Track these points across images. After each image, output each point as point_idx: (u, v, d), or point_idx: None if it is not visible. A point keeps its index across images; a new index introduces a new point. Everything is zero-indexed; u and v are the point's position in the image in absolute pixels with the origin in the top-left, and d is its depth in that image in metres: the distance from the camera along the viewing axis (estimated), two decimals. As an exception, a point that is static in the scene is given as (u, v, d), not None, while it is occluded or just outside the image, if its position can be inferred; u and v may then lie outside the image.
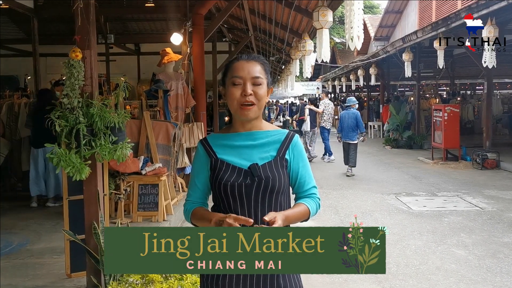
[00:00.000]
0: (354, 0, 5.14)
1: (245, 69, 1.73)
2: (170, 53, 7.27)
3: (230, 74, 1.76)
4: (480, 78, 21.11)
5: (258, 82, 1.74)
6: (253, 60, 1.77)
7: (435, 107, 12.91)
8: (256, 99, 1.73)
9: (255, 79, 1.73)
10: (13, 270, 4.20)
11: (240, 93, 1.72)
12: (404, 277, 4.38)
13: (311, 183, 1.84)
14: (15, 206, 6.59)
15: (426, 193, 8.17)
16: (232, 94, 1.73)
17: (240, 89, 1.72)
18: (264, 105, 1.79)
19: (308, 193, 1.83)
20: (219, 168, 1.75)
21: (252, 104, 1.72)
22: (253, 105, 1.73)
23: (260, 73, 1.75)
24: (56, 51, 11.71)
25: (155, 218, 5.59)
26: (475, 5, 8.32)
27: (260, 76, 1.74)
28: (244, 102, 1.72)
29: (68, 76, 3.34)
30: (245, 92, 1.71)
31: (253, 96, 1.72)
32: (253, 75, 1.73)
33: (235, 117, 1.79)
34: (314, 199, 1.82)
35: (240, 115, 1.74)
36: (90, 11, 3.44)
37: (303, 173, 1.82)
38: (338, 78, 26.12)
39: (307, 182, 1.83)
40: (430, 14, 17.97)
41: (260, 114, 1.79)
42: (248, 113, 1.73)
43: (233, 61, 1.79)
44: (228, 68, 1.78)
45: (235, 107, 1.73)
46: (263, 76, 1.76)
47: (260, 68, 1.76)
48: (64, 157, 3.25)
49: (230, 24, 12.98)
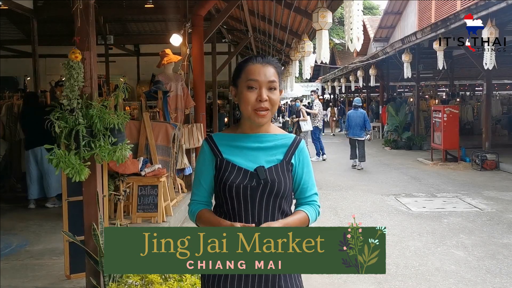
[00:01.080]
0: (354, 1, 5.15)
1: (261, 73, 1.71)
2: (170, 54, 7.27)
3: (245, 76, 1.72)
4: (479, 79, 21.16)
5: (273, 87, 1.72)
6: (268, 63, 1.74)
7: (434, 108, 12.92)
8: (271, 104, 1.72)
9: (270, 83, 1.71)
10: (13, 272, 4.20)
11: (256, 98, 1.69)
12: (404, 278, 4.38)
13: (313, 190, 1.84)
14: (15, 207, 6.58)
15: (426, 194, 8.17)
16: (247, 98, 1.70)
17: (255, 93, 1.70)
18: (276, 109, 1.78)
19: (309, 200, 1.82)
20: (224, 168, 1.74)
21: (267, 110, 1.71)
22: (267, 111, 1.71)
23: (275, 77, 1.73)
24: (56, 52, 11.70)
25: (155, 219, 5.58)
26: (474, 6, 8.33)
27: (275, 80, 1.73)
28: (259, 108, 1.70)
29: (67, 77, 3.34)
30: (261, 98, 1.69)
31: (268, 102, 1.70)
32: (269, 79, 1.71)
33: (245, 119, 1.77)
34: (314, 207, 1.82)
35: (254, 120, 1.72)
36: (89, 12, 3.44)
37: (307, 179, 1.82)
38: (338, 79, 26.15)
39: (310, 188, 1.82)
40: (429, 15, 17.98)
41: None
42: (262, 119, 1.72)
43: (247, 62, 1.75)
44: (242, 69, 1.75)
45: (249, 111, 1.71)
46: (277, 80, 1.74)
47: (275, 72, 1.74)
48: (63, 158, 3.24)
49: (229, 25, 12.99)
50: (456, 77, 21.05)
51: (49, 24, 12.15)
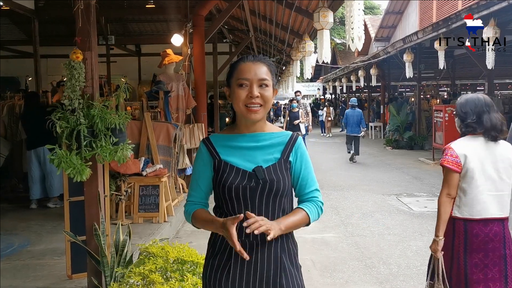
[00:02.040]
0: (355, 1, 5.14)
1: (252, 71, 1.72)
2: (171, 54, 7.28)
3: (236, 75, 1.74)
4: (481, 79, 21.13)
5: (265, 84, 1.72)
6: (259, 61, 1.75)
7: (436, 107, 12.91)
8: (263, 100, 1.72)
9: (261, 81, 1.72)
10: (14, 272, 4.20)
11: (246, 95, 1.70)
12: (405, 278, 4.38)
13: (313, 186, 1.82)
14: (16, 207, 6.58)
15: (427, 193, 8.16)
16: (238, 95, 1.71)
17: (246, 90, 1.70)
18: (270, 107, 1.78)
19: (309, 196, 1.81)
20: (222, 170, 1.74)
21: (259, 106, 1.71)
22: (260, 107, 1.72)
23: (267, 75, 1.73)
24: (57, 52, 11.71)
25: (156, 219, 5.59)
26: (475, 5, 8.32)
27: (267, 78, 1.73)
28: (251, 104, 1.70)
29: (68, 78, 3.34)
30: (252, 94, 1.70)
31: (260, 98, 1.71)
32: (259, 77, 1.72)
33: (240, 118, 1.78)
34: (315, 203, 1.80)
35: (246, 117, 1.72)
36: (90, 12, 3.44)
37: (305, 175, 1.81)
38: (339, 79, 26.13)
39: (309, 184, 1.81)
40: (430, 14, 17.96)
41: (265, 116, 1.79)
42: (255, 115, 1.72)
43: (238, 62, 1.77)
44: (234, 69, 1.76)
45: (241, 108, 1.72)
46: (269, 77, 1.74)
47: (266, 70, 1.75)
48: (65, 158, 3.25)
49: (230, 25, 12.99)
50: (457, 77, 21.02)
51: (50, 25, 12.16)
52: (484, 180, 2.65)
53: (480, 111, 2.69)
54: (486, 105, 2.70)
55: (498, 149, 2.68)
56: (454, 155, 2.68)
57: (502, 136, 2.73)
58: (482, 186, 2.64)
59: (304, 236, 5.43)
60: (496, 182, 2.66)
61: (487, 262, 2.64)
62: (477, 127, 2.68)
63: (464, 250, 2.67)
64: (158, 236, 4.84)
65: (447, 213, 2.72)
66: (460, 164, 2.66)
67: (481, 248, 2.64)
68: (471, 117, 2.69)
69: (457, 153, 2.68)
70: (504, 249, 2.65)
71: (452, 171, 2.68)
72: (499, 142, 2.70)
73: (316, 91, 39.18)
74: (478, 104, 2.71)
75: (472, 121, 2.69)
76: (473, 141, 2.70)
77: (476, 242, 2.64)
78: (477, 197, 2.65)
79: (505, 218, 2.69)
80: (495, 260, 2.65)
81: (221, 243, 1.75)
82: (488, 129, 2.65)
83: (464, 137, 2.76)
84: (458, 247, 2.69)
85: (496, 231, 2.64)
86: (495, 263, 2.65)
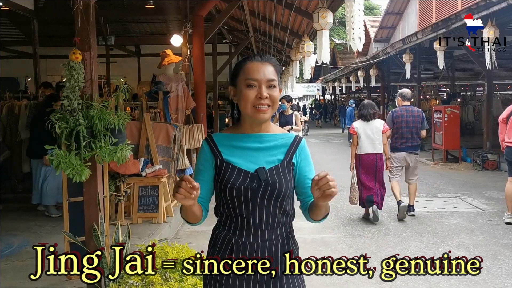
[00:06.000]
0: (355, 1, 5.15)
1: (260, 72, 1.70)
2: (170, 55, 7.27)
3: (244, 75, 1.72)
4: (480, 79, 21.10)
5: (273, 85, 1.72)
6: (267, 62, 1.74)
7: (435, 108, 12.91)
8: (271, 101, 1.71)
9: (270, 82, 1.71)
10: (13, 272, 4.19)
11: (256, 95, 1.69)
12: (405, 278, 4.38)
13: None
14: (15, 208, 6.58)
15: (427, 194, 8.16)
16: (247, 96, 1.69)
17: (255, 91, 1.69)
18: (277, 107, 1.79)
19: None
20: (224, 170, 1.73)
21: (267, 106, 1.71)
22: (268, 107, 1.71)
23: (274, 75, 1.73)
24: (56, 53, 11.71)
25: (155, 220, 5.59)
26: (475, 6, 8.32)
27: (274, 78, 1.72)
28: (260, 104, 1.69)
29: (68, 78, 3.34)
30: (261, 95, 1.68)
31: (268, 99, 1.70)
32: (268, 78, 1.71)
33: (245, 118, 1.76)
34: None
35: (254, 117, 1.71)
36: (90, 13, 3.44)
37: (310, 178, 1.77)
38: (338, 79, 26.13)
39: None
40: (430, 15, 17.96)
41: (271, 116, 1.79)
42: (264, 115, 1.71)
43: (245, 61, 1.76)
44: (240, 68, 1.74)
45: (249, 109, 1.70)
46: (276, 78, 1.74)
47: (273, 70, 1.74)
48: (64, 159, 3.24)
49: (230, 25, 12.99)
50: (457, 77, 21.02)
51: (49, 25, 12.16)
52: (366, 137, 6.24)
53: (361, 108, 6.45)
54: (364, 105, 6.41)
55: (373, 123, 6.27)
56: (353, 127, 6.33)
57: (373, 118, 6.29)
58: (365, 139, 6.24)
59: (303, 237, 5.42)
60: (371, 138, 6.23)
61: (367, 172, 6.28)
62: (361, 115, 6.36)
63: (359, 167, 6.34)
64: (157, 236, 4.84)
65: (353, 152, 6.37)
66: (356, 132, 6.27)
67: (365, 165, 6.29)
68: (361, 112, 6.39)
69: (355, 126, 6.34)
70: (375, 166, 6.25)
71: (354, 134, 6.31)
72: (372, 121, 6.27)
73: (315, 92, 39.20)
74: (363, 105, 6.46)
75: (360, 113, 6.39)
76: (360, 122, 6.36)
77: (364, 164, 6.28)
78: (363, 144, 6.25)
79: (377, 153, 6.24)
80: (370, 170, 6.27)
81: (221, 243, 1.75)
82: (365, 116, 6.31)
83: (358, 120, 6.48)
84: (358, 166, 6.36)
85: (371, 158, 6.24)
86: (370, 172, 6.27)
